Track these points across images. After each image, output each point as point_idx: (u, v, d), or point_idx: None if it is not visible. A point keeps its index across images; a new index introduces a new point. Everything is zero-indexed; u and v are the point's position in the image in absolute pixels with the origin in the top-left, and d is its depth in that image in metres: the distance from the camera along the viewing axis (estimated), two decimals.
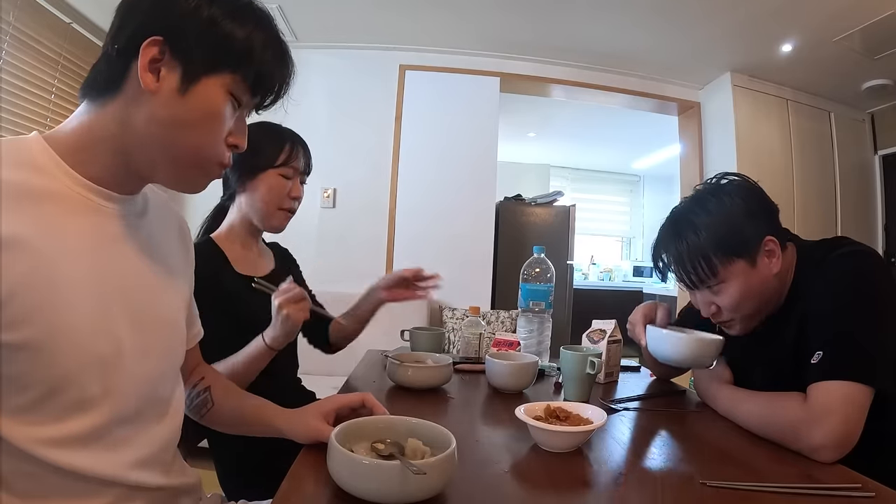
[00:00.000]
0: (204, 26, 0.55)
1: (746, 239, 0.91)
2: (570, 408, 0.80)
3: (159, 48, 0.54)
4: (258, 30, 0.58)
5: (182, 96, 0.55)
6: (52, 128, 0.58)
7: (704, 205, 0.94)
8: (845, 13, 2.46)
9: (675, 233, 0.96)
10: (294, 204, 1.18)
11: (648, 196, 6.35)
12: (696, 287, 0.96)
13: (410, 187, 3.18)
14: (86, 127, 0.57)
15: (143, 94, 0.55)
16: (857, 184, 3.51)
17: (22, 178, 0.51)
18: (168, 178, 0.61)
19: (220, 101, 0.57)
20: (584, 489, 0.65)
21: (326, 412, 0.74)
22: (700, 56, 3.09)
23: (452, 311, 3.09)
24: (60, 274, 0.52)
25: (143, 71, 0.54)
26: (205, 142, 0.59)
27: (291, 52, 0.64)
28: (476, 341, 1.36)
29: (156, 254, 0.66)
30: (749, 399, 0.89)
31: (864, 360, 0.77)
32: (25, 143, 0.55)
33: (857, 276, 0.85)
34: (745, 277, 0.91)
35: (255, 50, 0.58)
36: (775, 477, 0.68)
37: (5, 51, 2.17)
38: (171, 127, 0.56)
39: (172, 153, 0.58)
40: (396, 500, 0.54)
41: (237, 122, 0.62)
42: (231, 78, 0.57)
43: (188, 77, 0.55)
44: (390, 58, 3.21)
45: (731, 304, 0.93)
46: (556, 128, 4.83)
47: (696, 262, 0.92)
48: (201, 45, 0.55)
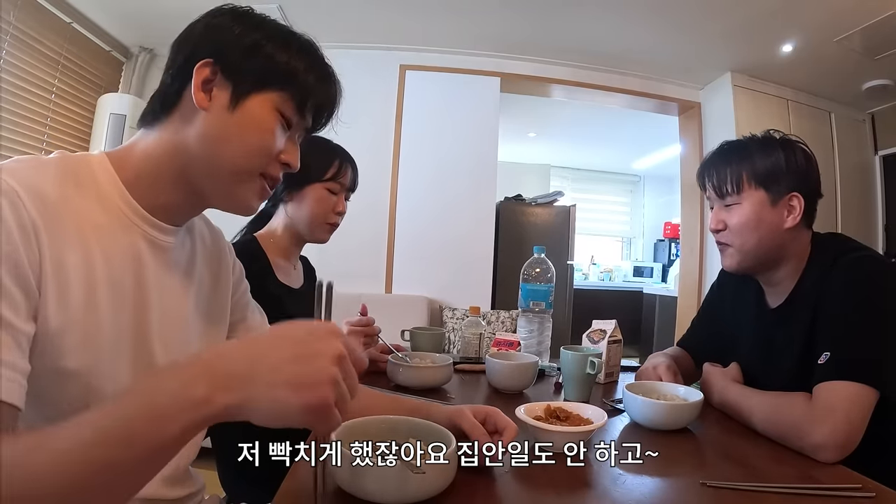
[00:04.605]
0: (249, 49, 0.59)
1: (780, 181, 0.94)
2: (570, 408, 0.80)
3: (211, 69, 0.58)
4: (301, 54, 0.62)
5: (232, 112, 0.59)
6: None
7: (768, 140, 0.98)
8: (845, 13, 2.46)
9: (729, 150, 1.00)
10: (338, 219, 1.22)
11: (649, 196, 6.34)
12: (718, 196, 0.99)
13: (410, 187, 3.18)
14: (146, 152, 0.60)
15: (197, 114, 0.59)
16: (858, 184, 3.51)
17: (86, 208, 0.54)
18: (221, 197, 0.63)
19: (267, 116, 0.60)
20: (584, 489, 0.65)
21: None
22: (700, 56, 3.09)
23: (452, 311, 3.09)
24: (107, 305, 0.54)
25: (196, 90, 0.57)
26: (254, 154, 0.61)
27: (337, 76, 0.67)
28: (476, 341, 1.36)
29: (198, 286, 0.69)
30: (755, 397, 0.89)
31: (870, 362, 0.77)
32: (91, 166, 0.58)
33: (869, 280, 0.85)
34: (759, 208, 0.94)
35: (297, 71, 0.61)
36: (775, 477, 0.68)
37: (5, 51, 2.17)
38: (222, 141, 0.59)
39: (225, 167, 0.60)
40: (395, 499, 0.54)
41: (288, 141, 0.64)
42: (278, 96, 0.60)
43: (237, 94, 0.59)
44: (390, 58, 3.21)
45: (736, 225, 0.96)
46: (556, 128, 4.82)
47: (730, 172, 0.96)
48: (248, 66, 0.59)
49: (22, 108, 2.29)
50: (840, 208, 3.41)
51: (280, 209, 1.21)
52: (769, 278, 1.00)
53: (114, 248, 0.56)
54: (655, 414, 0.86)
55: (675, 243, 5.41)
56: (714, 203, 1.02)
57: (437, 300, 3.15)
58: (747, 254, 0.97)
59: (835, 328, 0.83)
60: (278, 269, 1.17)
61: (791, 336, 0.92)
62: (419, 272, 3.17)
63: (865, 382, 0.76)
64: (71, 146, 2.61)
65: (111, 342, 0.54)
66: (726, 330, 1.10)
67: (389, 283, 3.16)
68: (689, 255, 3.55)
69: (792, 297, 0.95)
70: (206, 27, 0.60)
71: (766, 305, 1.01)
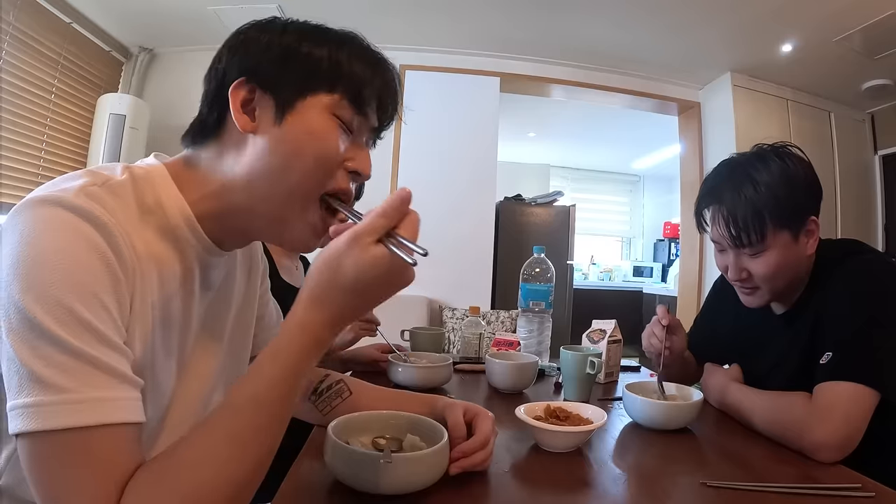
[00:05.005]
0: (282, 55, 0.54)
1: (799, 210, 0.87)
2: (570, 408, 0.80)
3: (247, 88, 0.53)
4: (341, 45, 0.56)
5: (280, 126, 0.53)
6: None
7: (767, 163, 0.88)
8: (845, 13, 2.46)
9: (733, 184, 0.89)
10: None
11: (648, 196, 6.35)
12: (737, 246, 0.90)
13: (410, 187, 3.12)
14: (208, 177, 0.56)
15: (245, 141, 0.54)
16: (857, 184, 3.51)
17: (151, 237, 0.51)
18: (273, 225, 0.57)
19: (320, 121, 0.54)
20: (584, 489, 0.65)
21: None
22: (700, 56, 3.09)
23: (452, 311, 3.09)
24: (159, 337, 0.52)
25: (237, 114, 0.53)
26: (313, 165, 0.54)
27: (390, 60, 0.61)
28: (476, 341, 1.36)
29: (236, 295, 0.67)
30: (756, 396, 0.89)
31: (871, 363, 0.77)
32: (156, 186, 0.53)
33: (874, 282, 0.85)
34: (785, 250, 0.87)
35: (341, 64, 0.55)
36: (775, 477, 0.68)
37: (5, 51, 2.17)
38: (275, 159, 0.53)
39: (280, 190, 0.54)
40: (375, 487, 0.56)
41: (354, 148, 0.57)
42: (329, 98, 0.54)
43: (281, 105, 0.53)
44: (390, 58, 3.20)
45: (765, 274, 0.89)
46: (556, 128, 4.82)
47: (748, 219, 0.86)
48: (285, 73, 0.53)
49: (22, 108, 2.29)
50: (839, 208, 3.41)
51: None
52: (779, 295, 0.96)
53: (169, 273, 0.54)
54: (655, 414, 0.86)
55: (674, 243, 5.41)
56: (726, 249, 0.93)
57: (437, 300, 3.15)
58: (775, 293, 0.93)
59: (837, 329, 0.83)
60: (282, 268, 1.20)
61: (794, 337, 0.92)
62: (419, 272, 3.14)
63: (866, 384, 0.76)
64: (71, 146, 2.61)
65: (159, 372, 0.53)
66: (728, 330, 1.10)
67: None
68: (688, 254, 3.55)
69: (797, 303, 0.95)
70: (231, 48, 0.55)
71: (770, 310, 1.01)
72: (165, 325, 0.53)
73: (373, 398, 0.78)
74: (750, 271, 0.91)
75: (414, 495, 0.57)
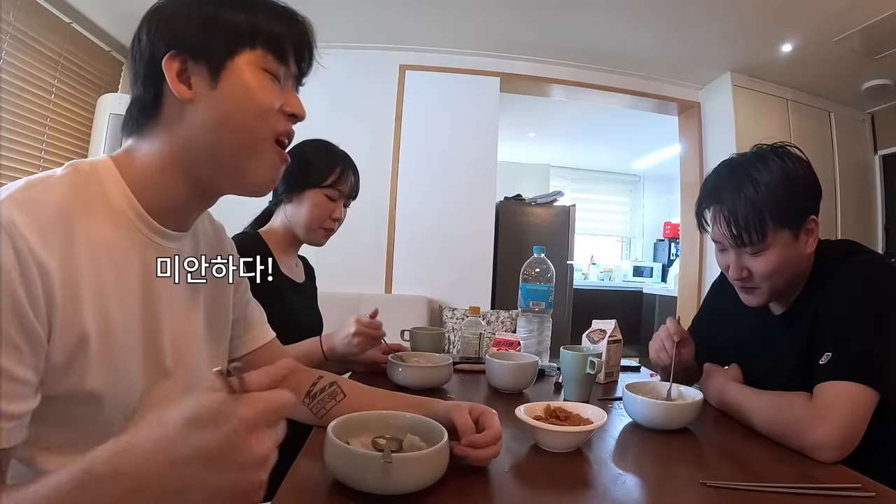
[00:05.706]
0: (205, 24, 0.57)
1: (799, 210, 0.88)
2: (570, 408, 0.80)
3: (179, 59, 0.56)
4: (256, 7, 0.60)
5: (216, 88, 0.57)
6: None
7: (767, 163, 0.89)
8: (845, 13, 2.46)
9: (733, 184, 0.91)
10: (335, 225, 1.24)
11: (648, 196, 6.35)
12: (738, 245, 0.91)
13: (410, 187, 3.18)
14: (150, 156, 0.59)
15: (185, 108, 0.57)
16: (857, 184, 3.51)
17: (96, 224, 0.53)
18: (236, 179, 0.61)
19: (252, 77, 0.58)
20: (584, 489, 0.65)
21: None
22: (700, 56, 3.09)
23: (452, 311, 3.09)
24: (119, 320, 0.54)
25: (174, 83, 0.56)
26: (256, 117, 0.58)
27: (299, 12, 0.64)
28: (476, 341, 1.36)
29: (204, 291, 0.68)
30: (755, 397, 0.89)
31: (871, 363, 0.77)
32: (99, 175, 0.56)
33: (874, 283, 0.85)
34: (785, 249, 0.88)
35: (259, 23, 0.59)
36: (775, 477, 0.68)
37: (5, 51, 2.17)
38: (219, 120, 0.57)
39: (232, 145, 0.58)
40: (375, 487, 0.56)
41: (285, 93, 0.62)
42: (253, 54, 0.58)
43: (213, 69, 0.57)
44: (390, 58, 3.21)
45: (766, 272, 0.90)
46: (556, 128, 4.83)
47: (749, 219, 0.87)
48: (211, 40, 0.57)
49: (22, 108, 2.29)
50: (839, 208, 3.41)
51: (280, 209, 1.23)
52: (779, 294, 0.97)
53: (123, 262, 0.55)
54: (655, 414, 0.86)
55: (674, 243, 5.41)
56: (727, 248, 0.94)
57: (436, 300, 3.15)
58: (775, 292, 0.94)
59: (837, 329, 0.83)
60: (281, 263, 1.20)
61: (793, 338, 0.92)
62: (419, 272, 3.17)
63: (866, 384, 0.76)
64: (71, 146, 2.61)
65: (124, 359, 0.54)
66: (727, 329, 1.10)
67: (389, 282, 3.16)
68: (688, 254, 3.55)
69: (796, 304, 0.95)
70: (152, 26, 0.58)
71: (769, 310, 1.01)
72: (128, 317, 0.55)
73: (367, 400, 0.79)
74: (751, 270, 0.92)
75: (414, 495, 0.57)
